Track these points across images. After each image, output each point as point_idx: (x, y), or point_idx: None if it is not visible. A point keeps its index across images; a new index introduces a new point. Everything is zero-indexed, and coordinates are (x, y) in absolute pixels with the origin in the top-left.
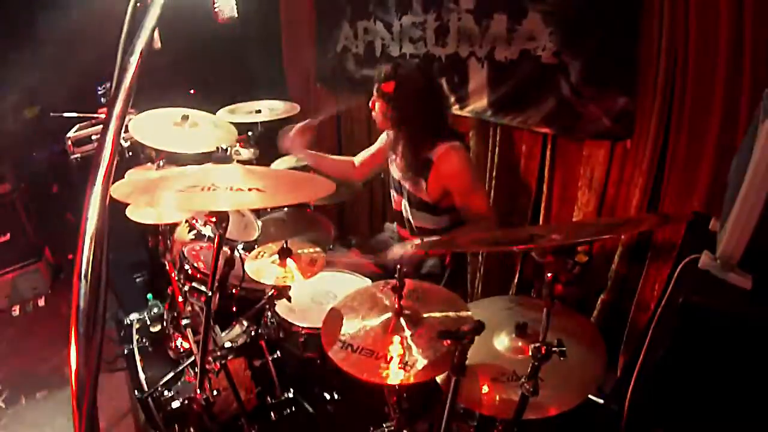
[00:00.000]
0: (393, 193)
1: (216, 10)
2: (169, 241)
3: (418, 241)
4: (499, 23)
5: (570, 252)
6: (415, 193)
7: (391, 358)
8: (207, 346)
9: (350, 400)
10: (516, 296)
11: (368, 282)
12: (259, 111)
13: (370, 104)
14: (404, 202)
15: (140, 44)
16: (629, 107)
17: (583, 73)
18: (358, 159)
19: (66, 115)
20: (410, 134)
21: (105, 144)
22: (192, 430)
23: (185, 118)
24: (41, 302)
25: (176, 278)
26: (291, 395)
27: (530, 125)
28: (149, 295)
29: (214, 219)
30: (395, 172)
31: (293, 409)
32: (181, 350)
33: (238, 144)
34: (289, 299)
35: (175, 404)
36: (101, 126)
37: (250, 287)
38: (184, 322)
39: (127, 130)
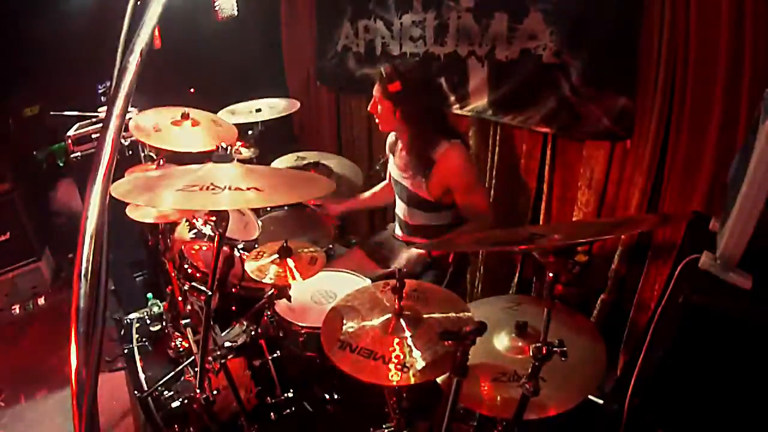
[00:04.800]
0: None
1: (216, 8)
2: (168, 240)
3: (419, 244)
4: (499, 22)
5: (570, 252)
6: (416, 191)
7: (391, 358)
8: (207, 346)
9: (350, 400)
10: (516, 295)
11: (368, 282)
12: (259, 110)
13: (370, 107)
14: (400, 203)
15: (140, 43)
16: (629, 107)
17: (584, 72)
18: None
19: (66, 113)
20: (413, 133)
21: (105, 143)
22: (192, 429)
23: (185, 116)
24: (41, 301)
25: (176, 277)
26: (291, 395)
27: (530, 125)
28: (149, 295)
29: (214, 218)
30: (395, 172)
31: (293, 408)
32: (181, 349)
33: (239, 143)
34: (288, 299)
35: (175, 404)
36: (101, 125)
37: (249, 287)
38: (184, 321)
39: (127, 129)
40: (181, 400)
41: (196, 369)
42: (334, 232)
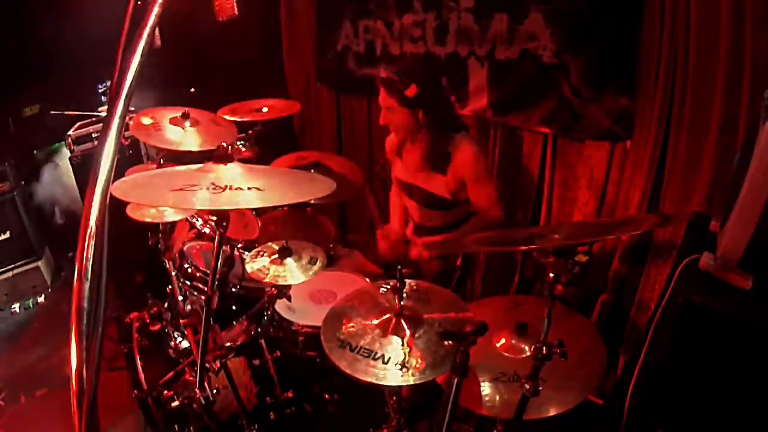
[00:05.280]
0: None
1: (216, 8)
2: (168, 240)
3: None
4: (499, 23)
5: (570, 252)
6: (432, 190)
7: (391, 358)
8: (206, 345)
9: (350, 400)
10: (516, 295)
11: (368, 281)
12: (259, 110)
13: (382, 120)
14: (413, 206)
15: (140, 43)
16: (629, 107)
17: (584, 73)
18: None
19: (66, 113)
20: (433, 130)
21: (105, 143)
22: (192, 429)
23: (185, 116)
24: (41, 300)
25: (176, 277)
26: (291, 395)
27: (530, 125)
28: (149, 294)
29: (214, 218)
30: (404, 174)
31: (293, 408)
32: (181, 349)
33: (239, 142)
34: (288, 298)
35: (175, 403)
36: (101, 124)
37: (249, 286)
38: (184, 321)
39: (127, 129)
40: (181, 399)
41: (196, 369)
42: (333, 232)
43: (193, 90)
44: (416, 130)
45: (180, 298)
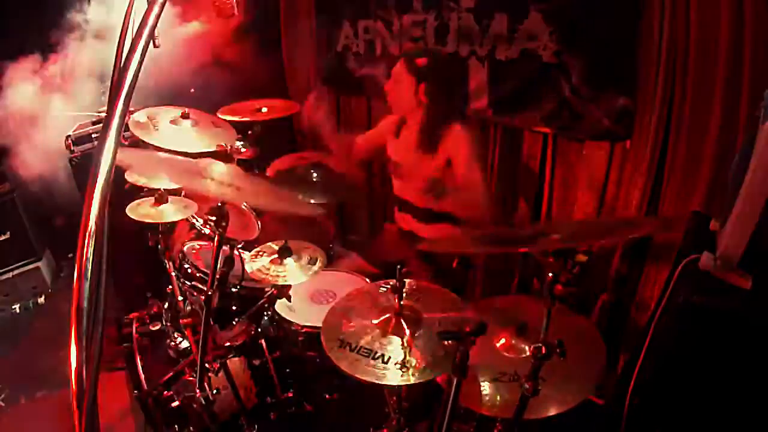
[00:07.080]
0: (394, 179)
1: (216, 9)
2: (168, 240)
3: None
4: (499, 22)
5: (570, 252)
6: (420, 171)
7: (391, 358)
8: (206, 345)
9: (350, 400)
10: (516, 295)
11: (368, 281)
12: (259, 110)
13: (386, 86)
14: (402, 186)
15: (140, 43)
16: (629, 107)
17: (584, 73)
18: (361, 137)
19: (66, 113)
20: (431, 110)
21: (105, 143)
22: (192, 429)
23: (185, 115)
24: (41, 301)
25: (176, 277)
26: (291, 395)
27: (530, 125)
28: (149, 294)
29: (213, 218)
30: (395, 153)
31: (293, 408)
32: (181, 349)
33: (239, 143)
34: (288, 298)
35: (175, 403)
36: (101, 124)
37: (249, 286)
38: (184, 321)
39: (127, 129)
40: (180, 399)
41: (196, 369)
42: (333, 232)
43: (192, 90)
44: (413, 108)
45: (180, 298)
